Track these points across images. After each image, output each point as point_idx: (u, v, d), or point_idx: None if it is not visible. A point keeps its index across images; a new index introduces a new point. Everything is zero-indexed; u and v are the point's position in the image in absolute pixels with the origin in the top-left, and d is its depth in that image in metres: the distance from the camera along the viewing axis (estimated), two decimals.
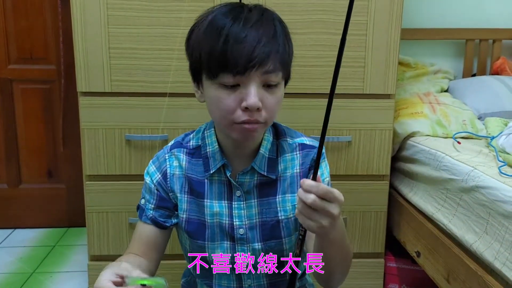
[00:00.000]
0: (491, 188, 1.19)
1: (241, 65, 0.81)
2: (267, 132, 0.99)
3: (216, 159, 0.97)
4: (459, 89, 2.03)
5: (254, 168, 0.96)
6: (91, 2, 1.54)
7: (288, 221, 0.99)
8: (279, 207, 0.99)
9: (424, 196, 1.57)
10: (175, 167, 0.99)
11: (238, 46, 0.81)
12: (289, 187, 1.00)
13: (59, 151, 2.41)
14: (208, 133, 1.00)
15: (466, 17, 2.25)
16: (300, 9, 1.58)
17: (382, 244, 1.79)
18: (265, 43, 0.82)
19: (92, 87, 1.60)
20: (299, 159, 1.01)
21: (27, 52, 2.31)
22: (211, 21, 0.85)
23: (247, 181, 0.98)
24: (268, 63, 0.83)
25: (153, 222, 0.99)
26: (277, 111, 0.91)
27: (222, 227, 0.99)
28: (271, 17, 0.88)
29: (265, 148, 0.98)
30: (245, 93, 0.84)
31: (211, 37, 0.84)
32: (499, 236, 1.14)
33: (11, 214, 2.44)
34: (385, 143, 1.70)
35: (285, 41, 0.88)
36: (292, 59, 0.92)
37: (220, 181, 0.98)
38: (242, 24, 0.83)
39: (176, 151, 1.01)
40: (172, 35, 1.58)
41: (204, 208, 0.99)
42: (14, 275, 1.98)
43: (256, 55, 0.81)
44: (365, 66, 1.64)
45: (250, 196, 0.99)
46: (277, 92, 0.88)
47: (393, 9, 1.61)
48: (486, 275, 1.18)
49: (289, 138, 1.02)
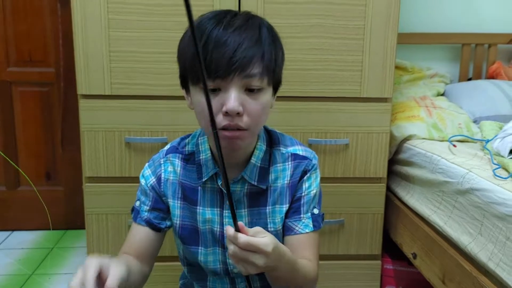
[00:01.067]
0: (485, 191, 1.21)
1: (221, 69, 0.80)
2: (260, 140, 0.98)
3: (209, 167, 0.96)
4: (455, 93, 2.05)
5: (244, 177, 0.96)
6: (91, 6, 1.56)
7: (277, 233, 0.99)
8: (269, 218, 0.99)
9: (420, 199, 1.59)
10: (170, 172, 1.00)
11: (219, 50, 0.81)
12: (279, 198, 0.99)
13: (57, 154, 2.42)
14: (201, 139, 0.99)
15: (462, 22, 2.27)
16: (299, 13, 1.60)
17: (379, 246, 1.81)
18: (247, 48, 0.82)
19: (92, 89, 1.61)
20: (290, 169, 0.99)
21: (26, 55, 2.32)
22: (196, 26, 0.86)
23: (238, 190, 0.97)
24: (250, 67, 0.82)
25: (147, 224, 0.99)
26: (263, 118, 0.89)
27: (214, 233, 0.99)
28: (257, 22, 0.87)
29: (256, 158, 0.97)
30: (225, 97, 0.83)
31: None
32: (493, 237, 1.16)
33: (9, 216, 2.45)
34: (382, 146, 1.72)
35: (271, 47, 0.87)
36: (281, 65, 0.91)
37: (213, 189, 0.98)
38: (224, 28, 0.82)
39: (171, 156, 1.01)
40: (172, 39, 1.59)
41: (196, 215, 0.99)
42: (13, 277, 1.98)
43: (237, 59, 0.80)
44: (362, 70, 1.66)
45: (240, 205, 0.98)
46: (261, 97, 0.86)
47: (390, 13, 1.63)
48: (481, 276, 1.19)
49: (282, 147, 1.01)
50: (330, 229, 1.77)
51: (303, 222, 0.99)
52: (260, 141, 0.98)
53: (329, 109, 1.68)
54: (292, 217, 0.99)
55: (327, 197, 1.08)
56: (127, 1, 1.56)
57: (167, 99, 1.63)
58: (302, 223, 0.99)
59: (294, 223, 0.99)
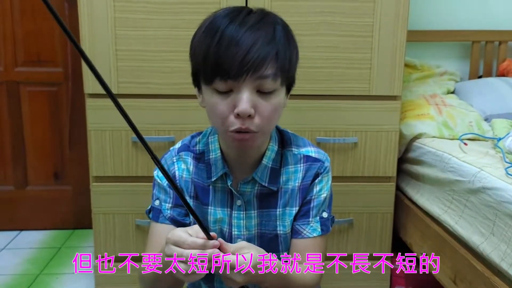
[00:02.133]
0: (497, 189, 1.19)
1: (233, 70, 0.79)
2: (272, 141, 0.97)
3: (218, 167, 0.95)
4: (465, 90, 2.03)
5: (255, 178, 0.95)
6: (98, 5, 1.56)
7: (286, 236, 0.98)
8: (279, 221, 0.97)
9: (430, 198, 1.57)
10: (183, 170, 0.98)
11: (231, 50, 0.79)
12: (289, 200, 0.98)
13: (65, 153, 2.42)
14: (212, 138, 0.98)
15: (472, 19, 2.24)
16: (306, 11, 1.59)
17: (388, 245, 1.79)
18: (261, 47, 0.80)
19: (99, 89, 1.60)
20: (302, 171, 0.98)
21: (34, 55, 2.33)
22: (210, 23, 0.84)
23: (248, 191, 0.96)
24: (263, 68, 0.80)
25: (172, 221, 0.96)
26: (275, 119, 0.88)
27: (223, 234, 0.98)
28: (272, 20, 0.85)
29: (268, 158, 0.95)
30: (237, 99, 0.81)
31: (206, 39, 0.82)
32: (506, 237, 1.14)
33: (18, 216, 2.45)
34: (391, 145, 1.70)
35: (286, 46, 0.85)
36: (295, 64, 0.89)
37: (223, 189, 0.97)
38: (238, 27, 0.80)
39: (184, 154, 0.99)
40: (179, 37, 1.59)
41: (207, 215, 0.98)
42: (21, 277, 1.99)
43: (250, 59, 0.79)
44: (371, 68, 1.64)
45: (250, 206, 0.97)
46: (274, 98, 0.84)
47: (399, 11, 1.61)
48: (493, 276, 1.17)
49: (295, 148, 0.99)
50: (339, 229, 1.75)
51: (311, 226, 0.97)
52: (272, 141, 0.97)
53: (338, 107, 1.66)
54: (300, 220, 0.98)
55: (335, 196, 1.07)
56: (133, 0, 1.56)
57: (174, 97, 1.62)
58: (310, 227, 0.97)
59: (302, 227, 0.97)
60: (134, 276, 1.75)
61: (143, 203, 1.70)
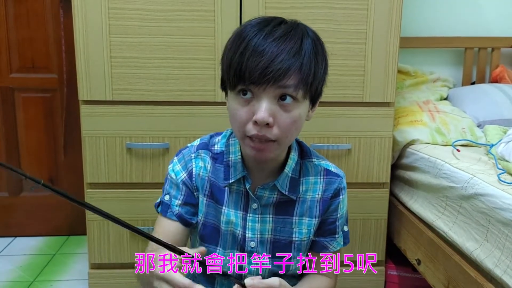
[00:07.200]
0: (490, 196, 1.20)
1: (255, 78, 0.80)
2: (293, 151, 0.98)
3: (237, 169, 0.96)
4: (458, 97, 2.04)
5: (276, 186, 0.96)
6: (93, 12, 1.56)
7: (301, 243, 1.00)
8: (295, 228, 0.99)
9: (424, 204, 1.58)
10: (201, 167, 0.99)
11: (255, 59, 0.80)
12: (307, 211, 0.99)
13: (60, 160, 2.41)
14: (233, 140, 0.99)
15: (465, 25, 2.26)
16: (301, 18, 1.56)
17: (382, 252, 1.79)
18: (285, 58, 0.80)
19: (93, 95, 1.61)
20: (322, 184, 1.00)
21: (28, 61, 2.32)
22: (240, 31, 0.86)
23: (266, 196, 0.97)
24: (285, 79, 0.81)
25: (179, 218, 0.97)
26: (293, 131, 0.88)
27: (235, 236, 0.98)
28: (300, 33, 0.86)
29: (289, 168, 0.96)
30: (256, 107, 0.82)
31: (233, 47, 0.84)
32: (500, 243, 1.14)
33: (12, 223, 2.44)
34: (385, 151, 1.71)
35: (311, 59, 0.85)
36: (322, 78, 0.90)
37: (239, 191, 0.98)
38: (264, 37, 0.82)
39: (202, 153, 1.00)
40: (173, 44, 1.59)
41: (221, 215, 0.98)
42: (15, 284, 1.97)
43: (272, 68, 0.79)
44: (364, 74, 1.65)
45: (266, 211, 0.98)
46: (294, 110, 0.85)
47: (392, 18, 1.62)
48: (487, 283, 1.18)
49: (315, 159, 1.01)
50: None
51: (337, 241, 1.03)
52: (293, 151, 0.98)
53: (331, 113, 1.67)
54: (328, 237, 1.02)
55: None
56: (128, 7, 1.56)
57: (168, 104, 1.63)
58: (336, 242, 1.03)
59: (330, 243, 1.02)
60: (128, 282, 1.75)
61: (137, 209, 1.70)
